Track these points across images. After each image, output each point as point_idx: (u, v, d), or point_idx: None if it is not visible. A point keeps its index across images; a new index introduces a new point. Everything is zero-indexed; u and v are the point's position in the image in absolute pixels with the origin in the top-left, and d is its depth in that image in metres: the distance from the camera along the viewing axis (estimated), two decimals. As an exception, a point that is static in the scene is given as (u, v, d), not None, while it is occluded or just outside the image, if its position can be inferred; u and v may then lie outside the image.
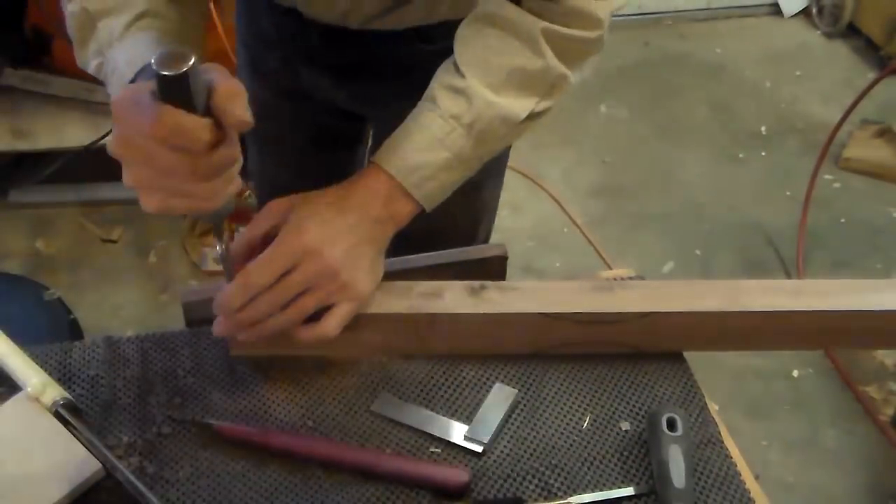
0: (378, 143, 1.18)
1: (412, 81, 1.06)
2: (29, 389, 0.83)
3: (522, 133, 0.90)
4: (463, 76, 0.85)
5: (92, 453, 0.79)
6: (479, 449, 0.84)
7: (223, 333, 0.84)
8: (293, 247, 0.80)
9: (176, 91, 0.63)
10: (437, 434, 0.85)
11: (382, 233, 0.85)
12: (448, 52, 0.93)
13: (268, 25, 1.15)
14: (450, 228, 1.09)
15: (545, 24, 0.85)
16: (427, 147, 0.85)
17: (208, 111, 0.66)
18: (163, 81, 0.63)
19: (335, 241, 0.81)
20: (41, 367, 0.89)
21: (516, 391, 0.89)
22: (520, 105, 0.87)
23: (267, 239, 0.82)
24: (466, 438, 0.85)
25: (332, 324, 0.82)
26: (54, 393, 0.83)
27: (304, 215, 0.82)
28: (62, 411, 0.81)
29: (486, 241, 1.31)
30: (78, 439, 0.80)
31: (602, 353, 0.93)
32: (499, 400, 0.88)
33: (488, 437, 0.85)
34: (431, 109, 0.86)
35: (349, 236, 0.82)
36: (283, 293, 0.80)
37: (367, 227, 0.84)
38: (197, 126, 0.65)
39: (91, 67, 0.85)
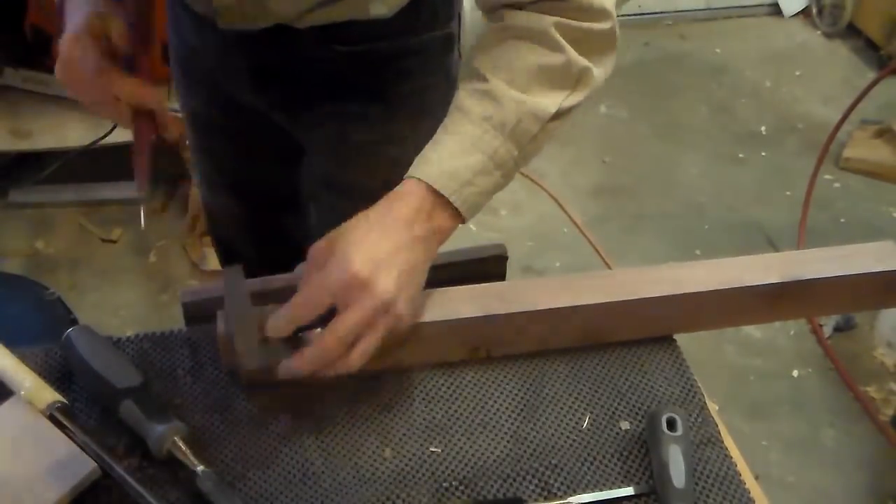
0: (316, 168, 1.19)
1: (333, 88, 1.07)
2: (23, 393, 0.83)
3: (554, 133, 0.88)
4: (487, 80, 0.85)
5: (88, 455, 0.79)
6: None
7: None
8: (343, 282, 0.76)
9: None
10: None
11: (428, 252, 0.82)
12: (367, 54, 0.97)
13: (190, 34, 1.16)
14: None
15: (556, 18, 0.85)
16: (461, 152, 0.82)
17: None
18: None
19: (387, 269, 0.77)
20: (41, 367, 0.89)
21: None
22: (548, 100, 0.85)
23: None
24: None
25: (370, 347, 0.78)
26: (48, 396, 0.82)
27: (349, 245, 0.78)
28: (57, 414, 0.81)
29: None
30: (74, 441, 0.80)
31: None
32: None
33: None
34: (461, 115, 0.84)
35: (398, 261, 0.78)
36: (343, 338, 0.76)
37: (414, 248, 0.80)
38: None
39: None
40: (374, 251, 0.78)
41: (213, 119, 1.25)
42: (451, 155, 0.82)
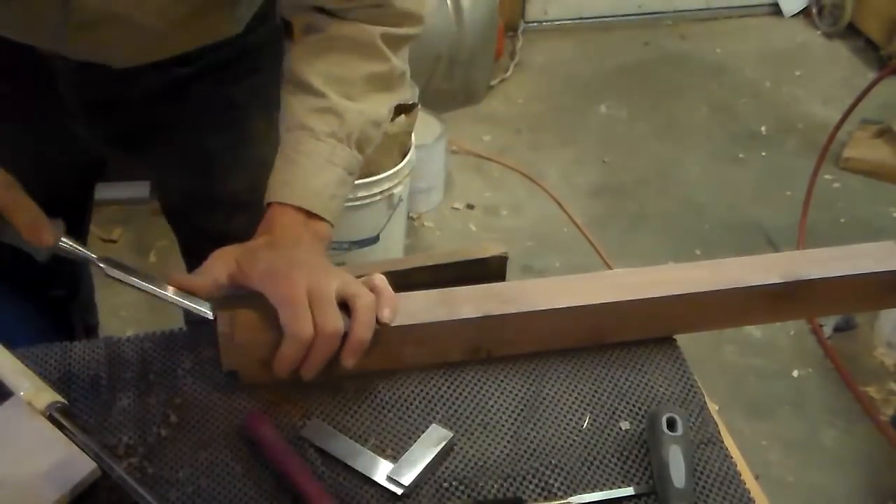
0: (176, 186, 1.17)
1: (171, 110, 1.06)
2: (22, 394, 0.83)
3: (383, 131, 0.96)
4: (324, 95, 0.89)
5: (88, 455, 0.79)
6: (399, 491, 0.80)
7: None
8: (300, 293, 0.81)
9: None
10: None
11: (319, 250, 0.89)
12: (209, 66, 0.99)
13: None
14: None
15: (382, 28, 0.91)
16: (318, 170, 0.89)
17: None
18: None
19: (318, 270, 0.84)
20: (41, 367, 0.89)
21: (451, 434, 0.85)
22: (381, 106, 0.93)
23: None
24: (388, 479, 0.81)
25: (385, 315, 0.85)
26: (48, 397, 0.82)
27: (273, 267, 0.83)
28: (56, 415, 0.81)
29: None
30: (74, 442, 0.79)
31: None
32: (430, 442, 0.84)
33: (410, 481, 0.81)
34: (307, 134, 0.89)
35: (318, 262, 0.85)
36: (333, 335, 0.82)
37: (310, 252, 0.87)
38: None
39: None
40: (296, 264, 0.83)
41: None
42: (310, 174, 0.89)
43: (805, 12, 3.62)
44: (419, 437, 0.85)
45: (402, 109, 2.17)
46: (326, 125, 0.89)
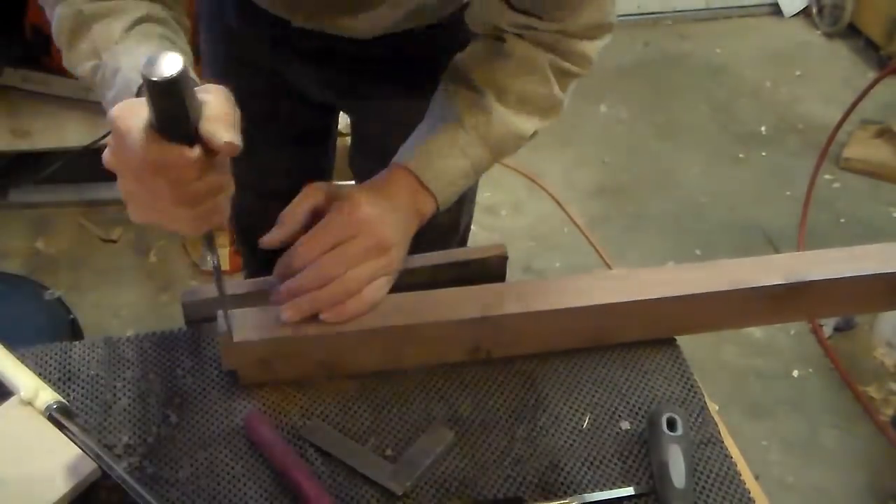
0: (358, 137, 1.18)
1: (388, 72, 1.08)
2: (21, 394, 0.83)
3: (518, 149, 0.99)
4: (481, 93, 0.92)
5: (88, 455, 0.79)
6: (399, 491, 0.80)
7: (281, 302, 0.86)
8: (351, 219, 0.85)
9: (168, 98, 0.62)
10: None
11: (411, 223, 0.91)
12: (425, 43, 1.00)
13: (234, 19, 1.14)
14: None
15: (552, 56, 0.93)
16: (450, 155, 0.91)
17: (199, 135, 0.65)
18: (153, 87, 0.61)
19: (385, 220, 0.87)
20: (41, 367, 0.89)
21: (451, 434, 0.85)
22: (529, 124, 0.95)
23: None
24: (389, 479, 0.81)
25: (376, 295, 0.87)
26: (47, 397, 0.82)
27: (355, 195, 0.87)
28: (55, 415, 0.81)
29: (467, 226, 1.33)
30: (74, 442, 0.79)
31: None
32: (430, 442, 0.85)
33: (410, 481, 0.81)
34: (454, 122, 0.92)
35: (395, 218, 0.88)
36: (343, 259, 0.84)
37: (404, 214, 0.89)
38: (181, 159, 0.64)
39: (82, 69, 0.84)
40: (378, 206, 0.87)
41: (248, 106, 1.21)
42: (441, 156, 0.91)
43: (805, 12, 3.62)
44: (419, 437, 0.85)
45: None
46: (473, 118, 0.92)
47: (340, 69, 1.13)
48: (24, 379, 0.84)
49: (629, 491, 0.81)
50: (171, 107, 0.63)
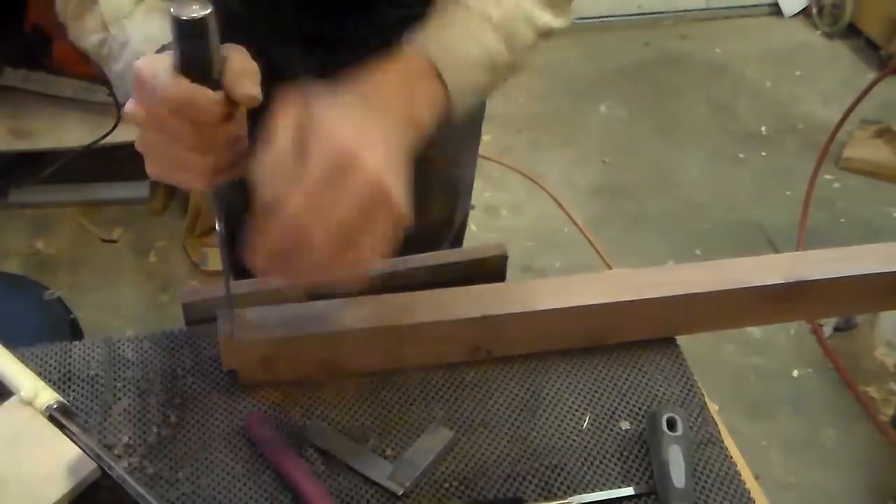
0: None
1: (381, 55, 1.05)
2: (21, 394, 0.83)
3: (533, 53, 0.89)
4: None
5: (88, 455, 0.79)
6: (399, 491, 0.80)
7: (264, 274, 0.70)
8: (327, 156, 0.65)
9: (194, 39, 0.64)
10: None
11: (407, 138, 0.72)
12: (417, 17, 0.89)
13: (236, 4, 1.13)
14: (429, 202, 1.08)
15: None
16: (463, 39, 0.81)
17: (221, 86, 0.66)
18: (181, 27, 0.63)
19: (374, 146, 0.66)
20: (41, 367, 0.89)
21: (451, 434, 0.85)
22: (542, 14, 0.88)
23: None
24: (389, 479, 0.81)
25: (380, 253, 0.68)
26: (47, 397, 0.82)
27: (328, 115, 0.67)
28: (56, 415, 0.81)
29: (463, 222, 1.30)
30: (74, 442, 0.80)
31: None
32: (430, 442, 0.84)
33: (410, 481, 0.81)
34: (463, 7, 0.83)
35: (385, 141, 0.68)
36: (340, 231, 0.65)
37: (397, 131, 0.71)
38: (208, 99, 0.65)
39: (88, 42, 0.84)
40: (359, 127, 0.67)
41: None
42: (454, 38, 0.80)
43: (805, 12, 3.62)
44: (419, 437, 0.85)
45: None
46: (483, 4, 0.82)
47: (331, 50, 1.09)
48: (24, 379, 0.84)
49: (629, 491, 0.81)
50: (198, 48, 0.65)
